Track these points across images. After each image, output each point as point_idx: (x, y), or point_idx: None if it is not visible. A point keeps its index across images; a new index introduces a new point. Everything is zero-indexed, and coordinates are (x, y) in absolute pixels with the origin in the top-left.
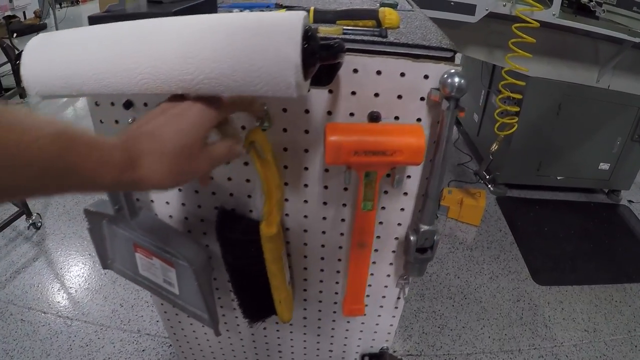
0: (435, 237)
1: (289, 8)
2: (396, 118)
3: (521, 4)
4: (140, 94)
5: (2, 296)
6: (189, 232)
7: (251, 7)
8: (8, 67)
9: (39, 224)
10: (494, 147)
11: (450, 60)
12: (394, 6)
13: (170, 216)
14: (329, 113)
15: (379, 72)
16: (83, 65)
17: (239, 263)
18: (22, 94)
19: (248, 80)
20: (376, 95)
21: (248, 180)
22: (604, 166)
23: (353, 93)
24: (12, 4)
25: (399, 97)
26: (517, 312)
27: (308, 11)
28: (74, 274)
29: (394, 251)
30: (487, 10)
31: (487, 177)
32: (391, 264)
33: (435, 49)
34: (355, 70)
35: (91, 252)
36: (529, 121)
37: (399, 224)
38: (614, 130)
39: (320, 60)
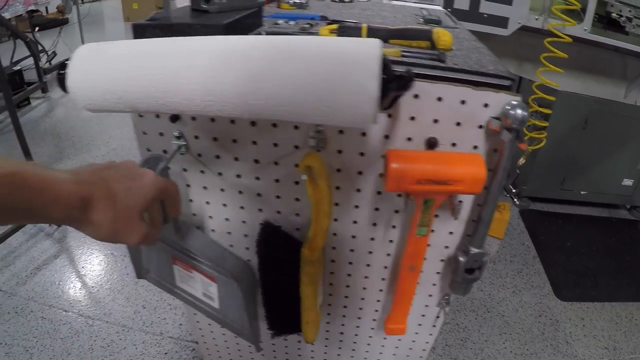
0: (484, 259)
1: (338, 22)
2: (453, 145)
3: (553, 18)
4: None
5: (22, 293)
6: (230, 246)
7: (296, 19)
8: (30, 60)
9: None
10: (522, 160)
11: (509, 88)
12: (438, 22)
13: (213, 230)
14: (386, 137)
15: (439, 99)
16: (139, 82)
17: (274, 278)
18: (44, 88)
19: (320, 110)
20: (435, 121)
21: (297, 199)
22: (628, 182)
23: (412, 118)
24: None
25: (458, 124)
26: (539, 327)
27: (360, 27)
28: (96, 273)
29: (438, 272)
30: (519, 23)
31: (514, 190)
32: (434, 284)
33: (494, 77)
34: (416, 96)
35: (113, 251)
36: (555, 135)
37: (446, 247)
38: (639, 146)
39: (394, 90)
